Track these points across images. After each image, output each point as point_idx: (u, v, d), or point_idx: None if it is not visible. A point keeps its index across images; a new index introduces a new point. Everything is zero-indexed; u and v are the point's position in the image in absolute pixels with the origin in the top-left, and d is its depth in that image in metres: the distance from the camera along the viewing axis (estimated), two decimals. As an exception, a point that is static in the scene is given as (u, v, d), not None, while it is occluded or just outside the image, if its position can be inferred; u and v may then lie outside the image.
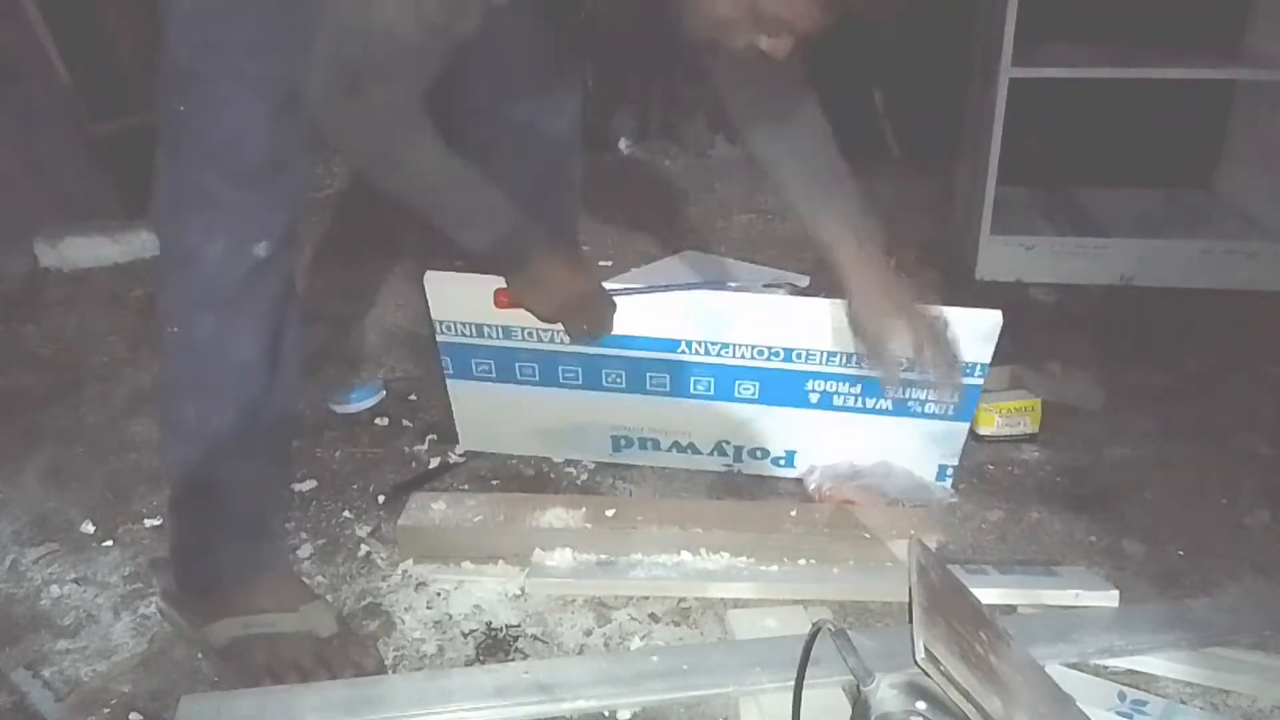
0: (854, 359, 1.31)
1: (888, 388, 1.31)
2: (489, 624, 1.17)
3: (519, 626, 1.17)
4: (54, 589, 1.24)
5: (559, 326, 1.31)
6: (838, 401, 1.37)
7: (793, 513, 1.28)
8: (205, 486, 1.12)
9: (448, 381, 1.46)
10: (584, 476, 1.47)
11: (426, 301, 1.38)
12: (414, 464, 1.51)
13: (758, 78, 1.19)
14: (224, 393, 1.10)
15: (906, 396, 1.33)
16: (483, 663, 1.12)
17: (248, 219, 1.06)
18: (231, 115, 1.02)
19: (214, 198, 1.04)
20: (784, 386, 1.36)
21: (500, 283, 1.28)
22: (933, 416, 1.35)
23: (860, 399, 1.36)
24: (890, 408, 1.35)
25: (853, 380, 1.34)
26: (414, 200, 1.11)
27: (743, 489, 1.44)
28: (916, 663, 0.78)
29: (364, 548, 1.31)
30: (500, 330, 1.38)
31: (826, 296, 1.31)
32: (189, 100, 1.02)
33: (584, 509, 1.29)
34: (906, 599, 0.86)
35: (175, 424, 1.13)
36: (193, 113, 1.02)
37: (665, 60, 3.00)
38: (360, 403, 1.65)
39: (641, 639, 1.15)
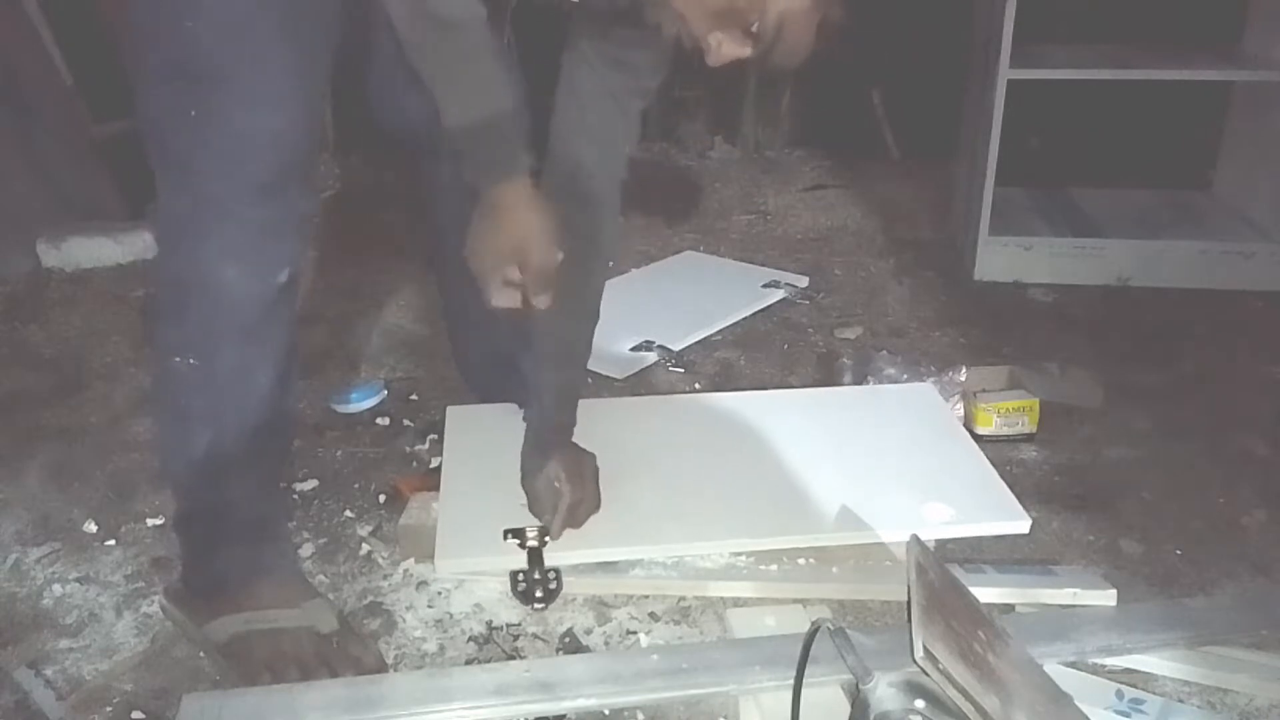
0: None
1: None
2: (489, 623, 1.18)
3: (519, 625, 1.17)
4: (56, 588, 1.25)
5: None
6: None
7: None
8: (212, 502, 1.12)
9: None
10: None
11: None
12: (415, 463, 1.51)
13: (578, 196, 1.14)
14: (242, 422, 1.08)
15: None
16: (483, 661, 1.12)
17: (267, 240, 1.00)
18: (253, 116, 0.94)
19: (231, 216, 0.97)
20: None
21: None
22: None
23: None
24: None
25: None
26: (439, 89, 1.00)
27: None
28: (915, 661, 0.79)
29: (365, 547, 1.32)
30: None
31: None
32: (198, 101, 0.94)
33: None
34: (905, 598, 0.86)
35: (181, 450, 1.10)
36: (205, 116, 0.94)
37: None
38: (361, 402, 1.65)
39: (641, 637, 1.15)
